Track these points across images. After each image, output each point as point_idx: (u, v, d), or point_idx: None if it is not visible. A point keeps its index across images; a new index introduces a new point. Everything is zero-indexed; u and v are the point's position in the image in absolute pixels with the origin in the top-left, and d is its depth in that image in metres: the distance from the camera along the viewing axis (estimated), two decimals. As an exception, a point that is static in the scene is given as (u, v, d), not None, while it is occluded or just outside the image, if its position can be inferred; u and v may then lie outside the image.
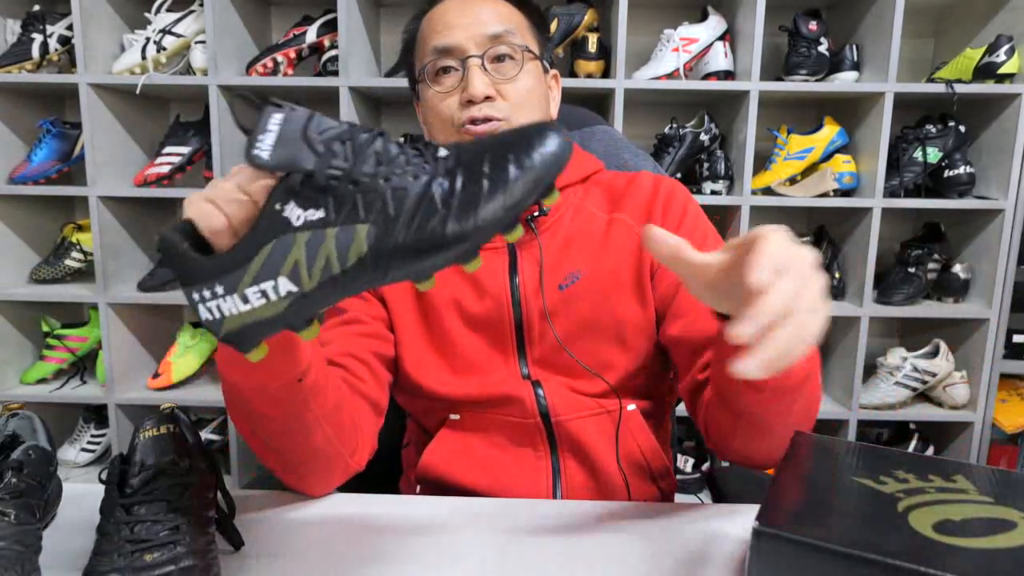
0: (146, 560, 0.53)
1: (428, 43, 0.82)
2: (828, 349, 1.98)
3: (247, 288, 0.45)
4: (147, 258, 1.99)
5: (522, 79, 0.82)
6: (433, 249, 0.44)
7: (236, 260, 0.45)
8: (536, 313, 0.82)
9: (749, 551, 0.48)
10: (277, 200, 0.44)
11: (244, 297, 0.45)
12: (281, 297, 0.45)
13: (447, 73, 0.81)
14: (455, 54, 0.80)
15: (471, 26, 0.80)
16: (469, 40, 0.80)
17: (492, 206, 0.44)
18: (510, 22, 0.82)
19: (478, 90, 0.78)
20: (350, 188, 0.44)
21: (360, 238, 0.43)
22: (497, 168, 0.44)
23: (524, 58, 0.82)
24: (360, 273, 0.44)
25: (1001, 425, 1.88)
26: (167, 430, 0.60)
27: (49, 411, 1.98)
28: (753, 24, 1.69)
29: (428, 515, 0.69)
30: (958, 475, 0.54)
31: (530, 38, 0.85)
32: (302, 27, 1.81)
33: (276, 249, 0.44)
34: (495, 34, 0.80)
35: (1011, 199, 1.75)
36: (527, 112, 0.82)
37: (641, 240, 0.81)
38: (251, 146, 0.44)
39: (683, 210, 0.85)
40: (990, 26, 1.80)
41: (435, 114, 0.82)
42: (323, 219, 0.44)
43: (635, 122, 1.98)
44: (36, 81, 1.77)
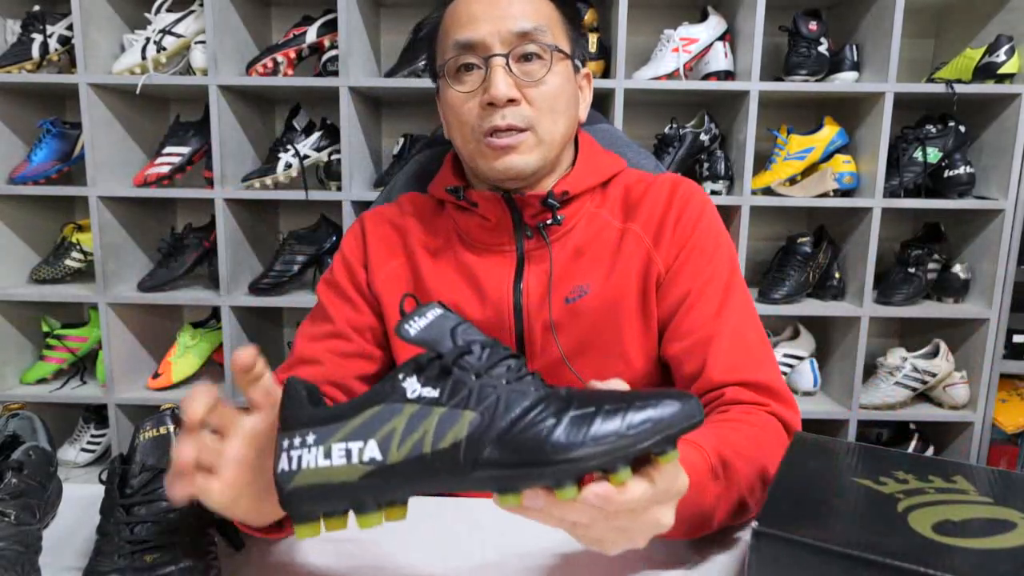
0: (146, 561, 0.53)
1: (451, 36, 0.77)
2: (828, 349, 1.98)
3: (335, 443, 0.44)
4: (147, 258, 1.99)
5: (549, 81, 0.76)
6: (530, 458, 0.41)
7: (341, 413, 0.45)
8: (539, 325, 0.80)
9: (749, 552, 0.48)
10: (402, 371, 0.45)
11: (328, 452, 0.44)
12: (363, 462, 0.44)
13: (469, 71, 0.76)
14: (478, 51, 0.75)
15: (497, 20, 0.74)
16: (494, 36, 0.74)
17: (606, 427, 0.41)
18: (540, 17, 0.76)
19: (501, 92, 0.73)
20: (472, 379, 0.44)
21: (463, 422, 0.43)
22: (616, 405, 0.42)
23: (553, 59, 0.76)
24: (446, 461, 0.42)
25: (1001, 425, 1.88)
26: (167, 430, 0.60)
27: (49, 411, 1.98)
28: (753, 24, 1.69)
29: (428, 515, 0.69)
30: (958, 476, 0.54)
31: (561, 34, 0.79)
32: (302, 27, 1.81)
33: (382, 412, 0.44)
34: (523, 31, 0.74)
35: (1011, 199, 1.75)
36: (553, 118, 0.77)
37: (649, 253, 0.80)
38: (402, 323, 0.46)
39: (692, 228, 0.80)
40: (990, 26, 1.80)
41: (455, 116, 0.78)
42: (435, 399, 0.44)
43: (635, 122, 1.98)
44: (36, 81, 1.77)
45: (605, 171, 0.85)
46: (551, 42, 0.76)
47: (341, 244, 0.89)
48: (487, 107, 0.74)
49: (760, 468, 0.65)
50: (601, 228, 0.82)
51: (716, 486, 0.59)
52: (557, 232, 0.81)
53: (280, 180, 1.81)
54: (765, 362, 0.76)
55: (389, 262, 0.85)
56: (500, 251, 0.81)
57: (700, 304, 0.77)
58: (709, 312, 0.77)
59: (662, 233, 0.80)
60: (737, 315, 0.77)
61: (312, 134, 1.85)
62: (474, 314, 0.80)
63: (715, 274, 0.79)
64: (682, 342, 0.77)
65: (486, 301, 0.80)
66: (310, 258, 1.89)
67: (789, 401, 0.75)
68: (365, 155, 1.89)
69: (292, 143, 1.82)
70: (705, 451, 0.60)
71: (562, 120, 0.78)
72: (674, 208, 0.81)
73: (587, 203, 0.83)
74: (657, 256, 0.80)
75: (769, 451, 0.67)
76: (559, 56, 0.77)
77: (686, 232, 0.80)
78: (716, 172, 1.81)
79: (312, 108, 1.97)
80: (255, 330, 1.97)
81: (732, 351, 0.75)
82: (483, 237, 0.82)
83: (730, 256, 0.82)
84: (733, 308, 0.77)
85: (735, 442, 0.64)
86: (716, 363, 0.74)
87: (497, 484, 0.42)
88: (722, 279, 0.79)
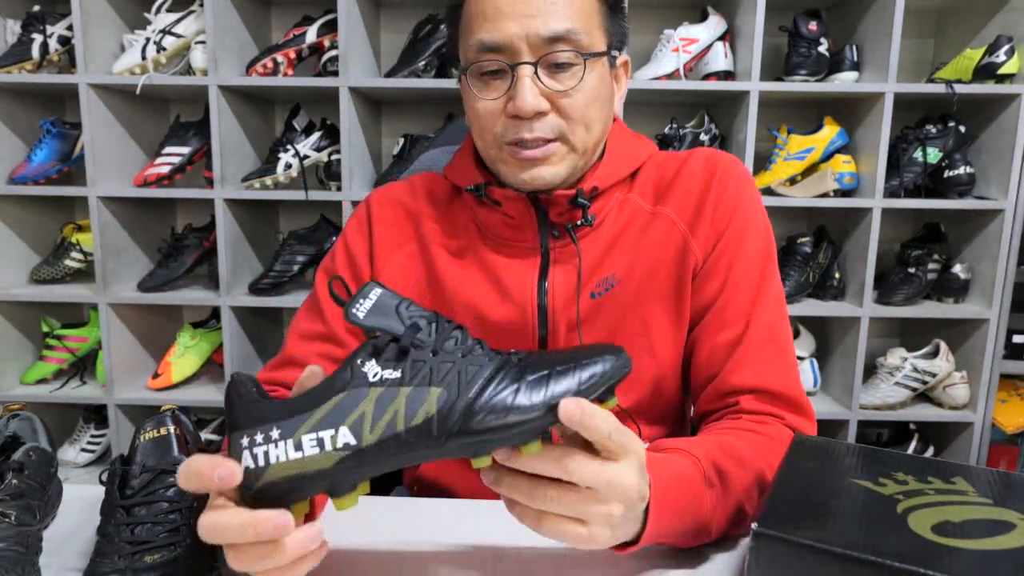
0: (146, 561, 0.53)
1: (474, 31, 0.69)
2: (828, 349, 1.98)
3: (305, 434, 0.45)
4: (147, 258, 1.99)
5: (583, 89, 0.69)
6: (496, 424, 0.45)
7: (304, 405, 0.46)
8: (564, 324, 0.75)
9: (748, 553, 0.48)
10: (359, 356, 0.46)
11: (299, 444, 0.45)
12: (336, 448, 0.45)
13: (495, 76, 0.69)
14: (504, 55, 0.67)
15: (528, 19, 0.66)
16: (521, 40, 0.66)
17: (561, 386, 0.46)
18: (576, 13, 0.67)
19: (528, 106, 0.66)
20: (430, 356, 0.46)
21: (432, 399, 0.45)
22: (566, 366, 0.47)
23: (587, 65, 0.69)
24: (421, 436, 0.45)
25: (1001, 425, 1.88)
26: (168, 431, 0.60)
27: (49, 411, 1.98)
28: (753, 24, 1.69)
29: (427, 516, 0.69)
30: (957, 477, 0.54)
31: (597, 28, 0.70)
32: (302, 27, 1.81)
33: (347, 399, 0.45)
34: (555, 36, 0.66)
35: (1011, 199, 1.75)
36: (586, 126, 0.71)
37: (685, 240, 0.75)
38: (350, 307, 0.47)
39: (732, 212, 0.75)
40: (990, 26, 1.80)
41: (478, 122, 0.72)
42: (398, 379, 0.46)
43: (635, 122, 1.98)
44: (36, 81, 1.77)
45: (636, 159, 0.78)
46: (585, 46, 0.68)
47: (344, 229, 0.84)
48: (513, 117, 0.68)
49: (762, 478, 0.64)
50: (632, 214, 0.77)
51: (712, 494, 0.59)
52: (586, 230, 0.76)
53: (280, 180, 1.81)
54: (788, 370, 0.73)
55: (398, 252, 0.80)
56: (523, 248, 0.76)
57: (733, 301, 0.74)
58: (740, 311, 0.73)
59: (700, 218, 0.75)
60: (768, 315, 0.73)
61: (312, 134, 1.85)
62: (495, 314, 0.76)
63: (750, 267, 0.74)
64: (710, 339, 0.74)
65: (509, 301, 0.76)
66: (310, 258, 1.89)
67: (807, 412, 0.72)
68: (365, 155, 1.89)
69: (292, 143, 1.82)
70: (698, 459, 0.59)
71: (596, 127, 0.72)
72: (713, 189, 0.75)
73: (616, 193, 0.77)
74: (694, 244, 0.75)
75: (776, 461, 0.65)
76: (593, 60, 0.69)
77: (725, 218, 0.75)
78: (716, 172, 1.81)
79: (312, 108, 1.97)
80: (255, 330, 1.97)
81: (756, 356, 0.72)
82: (506, 234, 0.77)
83: (767, 245, 0.76)
84: (764, 308, 0.73)
85: (736, 450, 0.64)
86: (738, 366, 0.72)
87: (471, 450, 0.46)
88: (756, 273, 0.74)
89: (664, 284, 0.76)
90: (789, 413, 0.71)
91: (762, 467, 0.64)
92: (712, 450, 0.62)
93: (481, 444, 0.45)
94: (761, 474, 0.64)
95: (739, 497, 0.62)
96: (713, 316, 0.74)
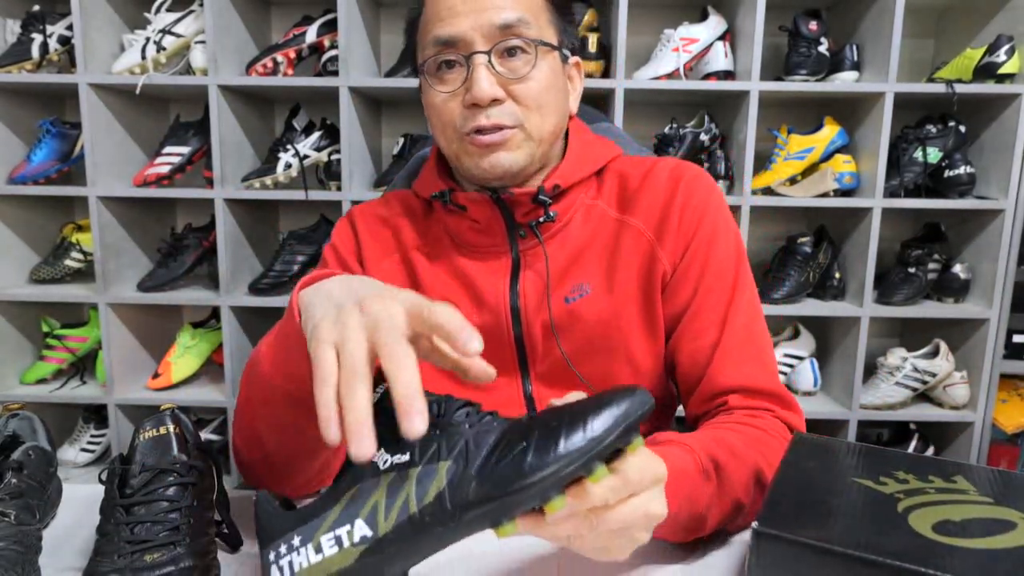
0: (146, 561, 0.53)
1: (430, 31, 0.72)
2: (828, 349, 1.98)
3: (323, 535, 0.44)
4: (147, 258, 1.99)
5: (536, 76, 0.72)
6: (513, 485, 0.42)
7: (319, 507, 0.45)
8: (539, 328, 0.77)
9: (749, 552, 0.48)
10: None
11: (318, 546, 0.44)
12: (354, 543, 0.44)
13: (450, 68, 0.72)
14: (459, 48, 0.71)
15: (478, 13, 0.70)
16: (475, 31, 0.70)
17: (574, 436, 0.42)
18: (523, 7, 0.71)
19: (484, 93, 0.69)
20: (436, 434, 0.45)
21: (440, 474, 0.43)
22: (576, 415, 0.43)
23: (539, 53, 0.72)
24: (435, 514, 0.43)
25: (1001, 425, 1.88)
26: (167, 431, 0.60)
27: (49, 411, 1.98)
28: (753, 24, 1.69)
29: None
30: (958, 476, 0.54)
31: (547, 24, 0.74)
32: (302, 27, 1.81)
33: (360, 493, 0.45)
34: (506, 24, 0.70)
35: (1011, 199, 1.75)
36: (541, 114, 0.73)
37: (652, 250, 0.76)
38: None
39: (699, 221, 0.76)
40: (990, 26, 1.80)
41: (437, 117, 0.74)
42: (408, 462, 0.44)
43: (635, 122, 1.98)
44: (36, 81, 1.77)
45: (598, 159, 0.81)
46: (535, 35, 0.72)
47: (332, 238, 0.85)
48: (471, 107, 0.71)
49: (758, 471, 0.64)
50: (599, 221, 0.79)
51: (708, 487, 0.59)
52: (552, 229, 0.78)
53: (280, 180, 1.81)
54: (768, 367, 0.75)
55: (384, 261, 0.82)
56: (494, 253, 0.78)
57: (707, 306, 0.75)
58: (716, 316, 0.75)
59: (666, 227, 0.76)
60: (743, 317, 0.75)
61: (312, 134, 1.85)
62: (474, 320, 0.76)
63: (722, 272, 0.76)
64: (689, 345, 0.75)
65: (483, 306, 0.77)
66: (310, 258, 1.89)
67: (793, 405, 0.74)
68: (365, 155, 1.89)
69: (292, 143, 1.82)
70: (695, 451, 0.60)
71: (551, 115, 0.74)
72: (678, 198, 0.77)
73: (582, 195, 0.79)
74: (662, 253, 0.76)
75: (771, 454, 0.66)
76: (544, 49, 0.73)
77: (692, 225, 0.76)
78: (716, 172, 1.81)
79: (312, 108, 1.97)
80: (255, 330, 1.97)
81: (738, 356, 0.73)
82: (475, 239, 0.79)
83: (737, 248, 0.78)
84: (739, 309, 0.75)
85: (731, 444, 0.64)
86: (721, 368, 0.73)
87: (490, 519, 0.43)
88: (729, 277, 0.76)
89: (635, 294, 0.77)
90: (779, 407, 0.72)
91: (757, 459, 0.65)
92: (708, 444, 0.62)
93: (499, 511, 0.42)
94: (756, 466, 0.64)
95: (735, 489, 0.62)
96: (688, 323, 0.76)
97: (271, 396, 0.59)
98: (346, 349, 0.43)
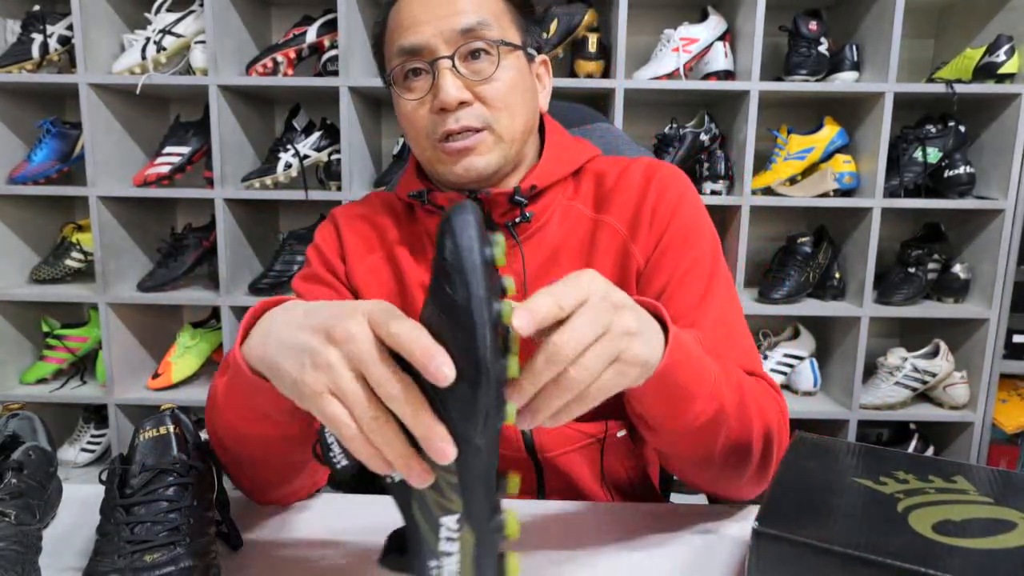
0: (146, 561, 0.53)
1: (395, 41, 0.74)
2: (828, 349, 1.98)
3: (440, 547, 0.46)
4: (147, 258, 1.99)
5: (501, 77, 0.72)
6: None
7: (413, 542, 0.46)
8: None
9: (749, 552, 0.48)
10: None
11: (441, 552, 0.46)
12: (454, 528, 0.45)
13: (417, 76, 0.73)
14: (423, 55, 0.72)
15: (439, 20, 0.71)
16: (437, 38, 0.71)
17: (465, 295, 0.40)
18: (483, 10, 0.72)
19: (450, 96, 0.70)
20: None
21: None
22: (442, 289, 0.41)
23: (501, 53, 0.73)
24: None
25: (1001, 425, 1.88)
26: (167, 431, 0.60)
27: (49, 411, 1.98)
28: (753, 24, 1.69)
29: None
30: (958, 476, 0.54)
31: (508, 25, 0.75)
32: (302, 27, 1.81)
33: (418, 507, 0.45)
34: (467, 28, 0.71)
35: (1011, 199, 1.75)
36: (509, 114, 0.74)
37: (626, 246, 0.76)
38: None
39: (671, 216, 0.77)
40: (990, 26, 1.80)
41: (409, 124, 0.75)
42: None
43: (635, 122, 1.98)
44: (36, 81, 1.77)
45: (575, 159, 0.81)
46: (497, 36, 0.72)
47: (315, 238, 0.86)
48: (439, 112, 0.72)
49: (742, 388, 0.63)
50: (576, 221, 0.79)
51: (711, 362, 0.58)
52: (529, 229, 0.78)
53: (280, 180, 1.81)
54: (750, 351, 0.74)
55: (367, 256, 0.82)
56: None
57: (680, 294, 0.74)
58: (690, 302, 0.73)
59: (639, 223, 0.77)
60: (719, 306, 0.74)
61: (312, 134, 1.85)
62: None
63: (696, 263, 0.75)
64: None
65: None
66: (310, 258, 1.89)
67: (777, 389, 0.73)
68: (365, 155, 1.89)
69: (292, 143, 1.82)
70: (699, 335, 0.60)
71: (520, 114, 0.75)
72: (650, 195, 0.77)
73: (559, 195, 0.80)
74: (635, 249, 0.77)
75: (759, 392, 0.65)
76: (507, 49, 0.73)
77: (664, 221, 0.77)
78: (716, 172, 1.81)
79: (312, 108, 1.97)
80: (255, 330, 1.97)
81: (716, 341, 0.70)
82: None
83: (712, 244, 0.78)
84: (715, 298, 0.74)
85: (724, 365, 0.63)
86: None
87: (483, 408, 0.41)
88: (704, 268, 0.75)
89: None
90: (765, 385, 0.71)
91: (743, 383, 0.64)
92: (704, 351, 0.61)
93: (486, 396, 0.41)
94: (742, 384, 0.63)
95: (728, 389, 0.60)
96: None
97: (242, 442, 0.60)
98: (348, 398, 0.42)
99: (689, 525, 0.68)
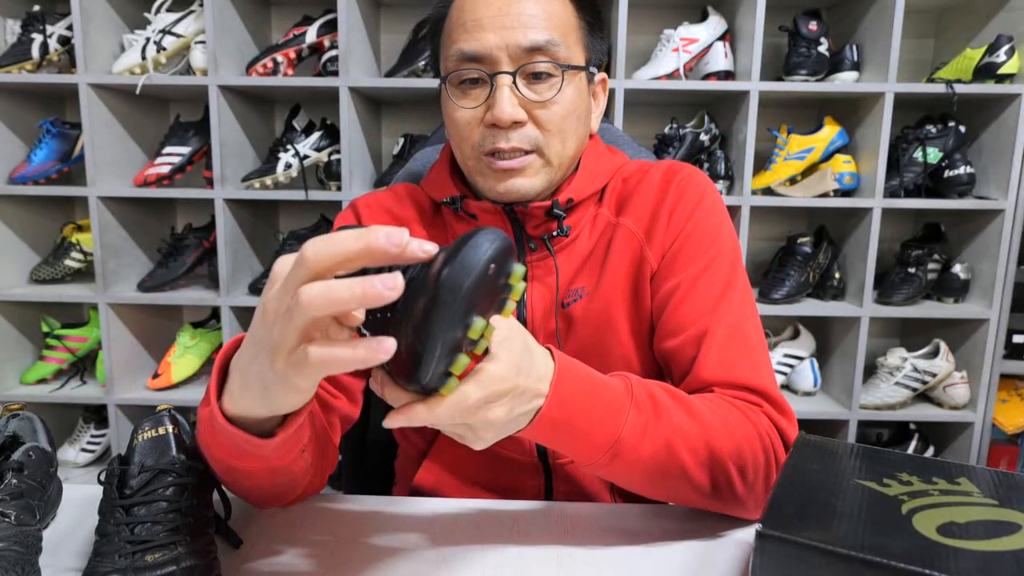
0: (146, 561, 0.53)
1: (455, 40, 0.70)
2: (828, 349, 1.98)
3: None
4: (147, 258, 1.98)
5: (560, 101, 0.70)
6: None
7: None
8: (542, 336, 0.76)
9: (752, 553, 0.48)
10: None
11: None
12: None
13: (474, 84, 0.70)
14: (484, 64, 0.69)
15: (506, 30, 0.67)
16: (502, 50, 0.67)
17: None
18: (554, 27, 0.69)
19: (506, 115, 0.67)
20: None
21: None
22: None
23: (565, 77, 0.70)
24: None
25: (1001, 425, 1.88)
26: (165, 431, 0.59)
27: (49, 411, 1.98)
28: (753, 24, 1.69)
29: (427, 516, 0.69)
30: (962, 477, 0.54)
31: (575, 43, 0.72)
32: (302, 27, 1.81)
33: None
34: (534, 46, 0.67)
35: (1011, 199, 1.75)
36: (562, 139, 0.71)
37: (641, 249, 0.75)
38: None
39: (688, 217, 0.75)
40: (990, 26, 1.80)
41: (456, 130, 0.72)
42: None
43: (635, 122, 1.98)
44: (36, 81, 1.77)
45: (609, 171, 0.80)
46: (564, 58, 0.69)
47: (334, 228, 0.84)
48: (491, 126, 0.69)
49: (710, 432, 0.61)
50: (603, 228, 0.78)
51: (638, 415, 0.58)
52: (563, 241, 0.76)
53: (280, 180, 1.80)
54: (761, 367, 0.70)
55: None
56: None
57: (693, 296, 0.72)
58: (704, 306, 0.71)
59: (655, 226, 0.75)
60: (735, 312, 0.71)
61: (312, 134, 1.85)
62: None
63: (711, 266, 0.73)
64: (674, 338, 0.71)
65: None
66: (310, 258, 1.88)
67: (785, 409, 0.69)
68: (365, 155, 1.89)
69: (292, 143, 1.82)
70: (630, 381, 0.59)
71: (572, 140, 0.73)
72: (669, 198, 0.75)
73: (591, 205, 0.78)
74: (649, 252, 0.75)
75: (741, 437, 0.62)
76: (572, 72, 0.71)
77: (681, 222, 0.75)
78: (716, 172, 1.81)
79: (312, 108, 1.97)
80: (255, 330, 1.96)
81: (727, 350, 0.69)
82: None
83: (732, 249, 0.75)
84: (731, 304, 0.71)
85: (686, 399, 0.62)
86: (707, 360, 0.68)
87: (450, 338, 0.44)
88: (720, 272, 0.73)
89: (624, 292, 0.75)
90: (768, 404, 0.68)
91: (715, 425, 0.62)
92: (654, 386, 0.61)
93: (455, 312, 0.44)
94: (710, 429, 0.61)
95: (670, 433, 0.60)
96: (671, 313, 0.73)
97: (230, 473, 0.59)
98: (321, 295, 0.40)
99: (693, 527, 0.67)
